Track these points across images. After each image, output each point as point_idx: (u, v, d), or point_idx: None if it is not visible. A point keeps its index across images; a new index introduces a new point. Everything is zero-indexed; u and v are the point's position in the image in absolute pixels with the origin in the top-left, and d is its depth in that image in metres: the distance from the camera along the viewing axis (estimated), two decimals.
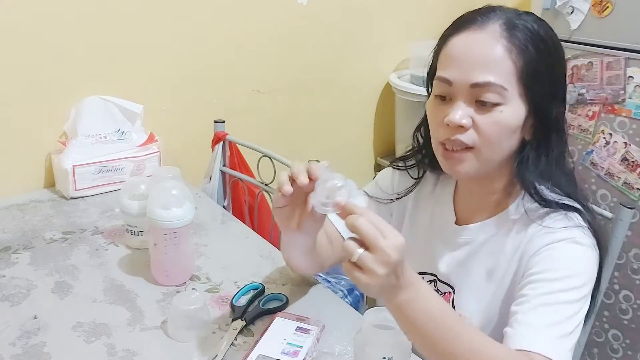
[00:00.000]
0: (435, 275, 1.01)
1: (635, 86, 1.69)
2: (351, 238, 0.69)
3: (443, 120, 0.87)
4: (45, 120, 1.46)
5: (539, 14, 1.83)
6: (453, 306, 0.97)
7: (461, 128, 0.85)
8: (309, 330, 0.95)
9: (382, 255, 0.67)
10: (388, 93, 2.13)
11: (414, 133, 1.06)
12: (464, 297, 0.96)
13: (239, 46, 1.73)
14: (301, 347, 0.91)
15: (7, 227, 1.29)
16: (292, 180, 0.80)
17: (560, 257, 0.84)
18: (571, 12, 1.77)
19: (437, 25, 2.25)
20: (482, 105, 0.85)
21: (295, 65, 1.88)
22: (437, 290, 1.01)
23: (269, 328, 0.96)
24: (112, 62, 1.52)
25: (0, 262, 1.15)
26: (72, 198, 1.44)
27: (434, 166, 1.00)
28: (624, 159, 1.74)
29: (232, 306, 1.03)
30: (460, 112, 0.85)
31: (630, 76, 1.69)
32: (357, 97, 2.09)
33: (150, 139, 1.55)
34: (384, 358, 0.78)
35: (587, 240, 0.86)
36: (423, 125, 1.02)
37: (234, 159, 1.62)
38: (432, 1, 2.15)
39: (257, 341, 0.92)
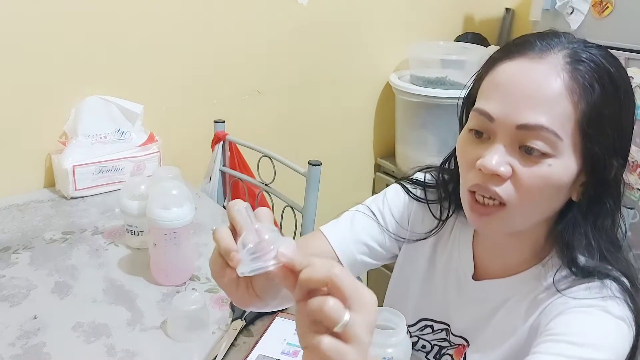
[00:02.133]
0: (448, 326, 0.90)
1: (636, 86, 1.69)
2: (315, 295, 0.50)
3: (475, 161, 0.72)
4: (45, 120, 1.46)
5: (539, 15, 1.86)
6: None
7: (497, 177, 0.70)
8: None
9: (369, 315, 0.50)
10: (388, 93, 2.12)
11: (440, 168, 0.89)
12: (477, 353, 0.84)
13: (239, 46, 1.73)
14: None
15: (7, 227, 1.29)
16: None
17: (587, 322, 0.69)
18: (571, 13, 1.77)
19: (437, 25, 2.27)
20: (526, 154, 0.69)
21: (295, 65, 1.88)
22: (449, 341, 0.90)
23: (269, 328, 0.96)
24: (112, 62, 1.52)
25: (0, 262, 1.15)
26: (72, 198, 1.44)
27: (460, 205, 0.84)
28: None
29: (232, 306, 1.02)
30: (497, 158, 0.69)
31: (630, 76, 1.69)
32: (357, 97, 2.09)
33: (150, 139, 1.55)
34: (384, 358, 0.77)
35: (620, 312, 0.70)
36: (451, 159, 0.86)
37: (234, 159, 1.62)
38: (432, 1, 2.15)
39: (257, 341, 0.92)
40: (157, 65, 1.60)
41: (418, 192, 0.92)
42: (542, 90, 0.68)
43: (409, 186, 0.94)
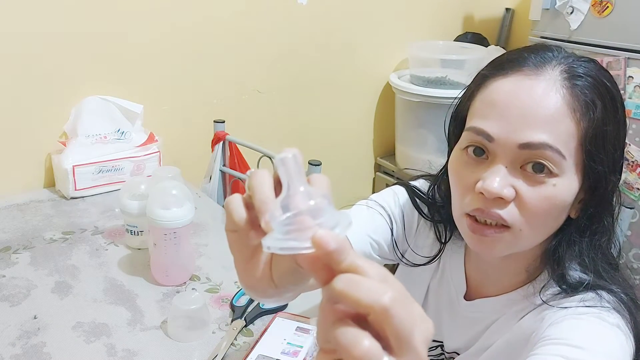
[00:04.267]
0: (441, 342, 0.89)
1: (635, 86, 1.69)
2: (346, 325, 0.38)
3: (474, 185, 0.68)
4: (45, 120, 1.46)
5: (538, 14, 1.86)
6: None
7: (499, 200, 0.67)
8: (309, 330, 0.95)
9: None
10: (388, 93, 2.13)
11: (431, 189, 0.86)
12: None
13: (239, 46, 1.74)
14: (301, 347, 0.91)
15: (7, 227, 1.29)
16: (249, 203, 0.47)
17: (587, 328, 0.66)
18: (571, 12, 1.77)
19: (437, 25, 2.27)
20: (530, 174, 0.66)
21: (295, 65, 1.88)
22: (443, 354, 0.90)
23: (269, 328, 0.96)
24: (112, 62, 1.52)
25: (0, 262, 1.15)
26: (72, 198, 1.44)
27: (453, 227, 0.82)
28: (624, 159, 1.74)
29: (232, 306, 1.03)
30: (499, 179, 0.66)
31: (630, 76, 1.69)
32: (357, 97, 2.10)
33: (150, 139, 1.55)
34: None
35: (615, 320, 0.67)
36: (441, 181, 0.84)
37: (234, 158, 1.62)
38: (432, 1, 2.15)
39: (257, 341, 0.92)
40: (157, 65, 1.60)
41: (426, 209, 0.88)
42: (542, 108, 0.65)
43: (416, 200, 0.89)
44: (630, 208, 1.11)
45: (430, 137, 1.98)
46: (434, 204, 0.86)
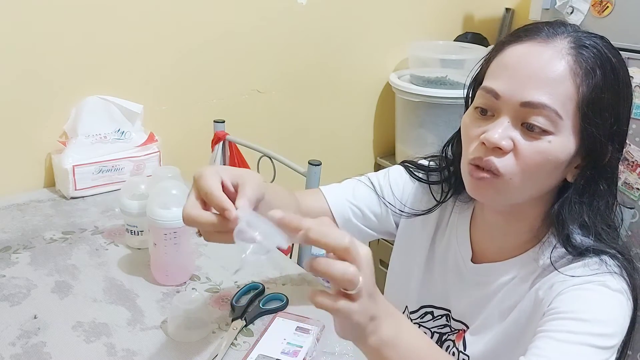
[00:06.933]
0: (448, 311, 0.93)
1: (636, 86, 1.69)
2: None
3: (479, 136, 0.76)
4: (45, 120, 1.46)
5: (538, 14, 1.86)
6: (464, 344, 0.88)
7: (498, 150, 0.74)
8: (308, 330, 0.95)
9: (366, 269, 0.57)
10: (388, 93, 2.13)
11: (443, 148, 0.93)
12: (477, 336, 0.87)
13: (238, 46, 1.74)
14: (301, 347, 0.91)
15: (7, 227, 1.29)
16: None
17: (589, 299, 0.72)
18: (571, 12, 1.77)
19: (437, 25, 2.27)
20: (528, 130, 0.73)
21: (295, 65, 1.88)
22: (450, 327, 0.93)
23: (269, 328, 0.96)
24: (112, 62, 1.52)
25: (0, 262, 1.15)
26: (72, 198, 1.44)
27: (458, 190, 0.90)
28: (624, 159, 1.74)
29: (232, 306, 1.03)
30: (501, 131, 0.73)
31: (630, 76, 1.69)
32: (357, 97, 2.09)
33: (150, 138, 1.55)
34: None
35: (618, 285, 0.74)
36: (455, 140, 0.90)
37: (234, 158, 1.62)
38: (431, 1, 2.15)
39: (257, 341, 0.92)
40: (157, 65, 1.60)
41: (420, 174, 0.97)
42: (547, 71, 0.72)
43: (411, 168, 0.98)
44: (631, 208, 1.11)
45: (430, 136, 1.98)
46: (429, 169, 0.96)
